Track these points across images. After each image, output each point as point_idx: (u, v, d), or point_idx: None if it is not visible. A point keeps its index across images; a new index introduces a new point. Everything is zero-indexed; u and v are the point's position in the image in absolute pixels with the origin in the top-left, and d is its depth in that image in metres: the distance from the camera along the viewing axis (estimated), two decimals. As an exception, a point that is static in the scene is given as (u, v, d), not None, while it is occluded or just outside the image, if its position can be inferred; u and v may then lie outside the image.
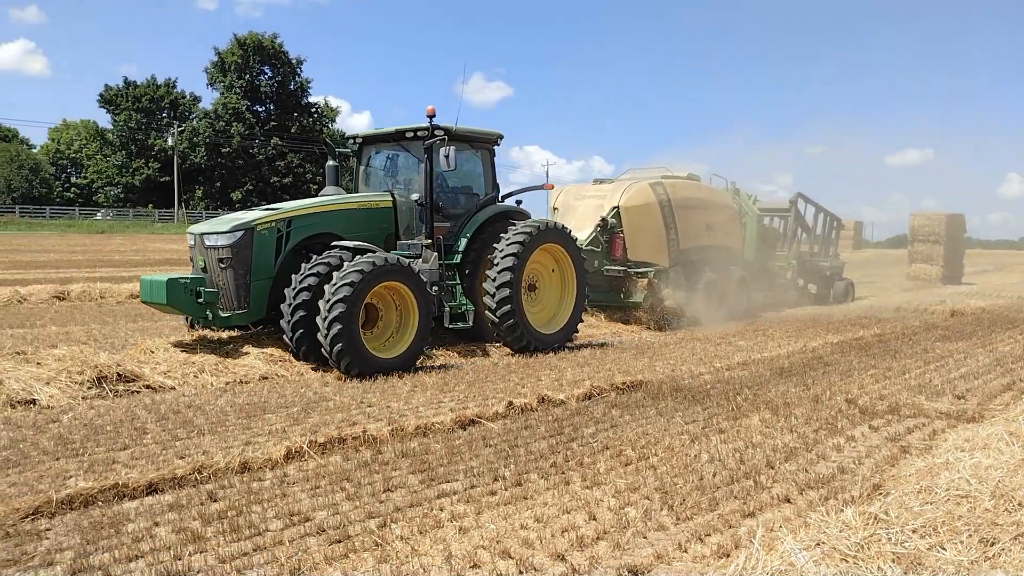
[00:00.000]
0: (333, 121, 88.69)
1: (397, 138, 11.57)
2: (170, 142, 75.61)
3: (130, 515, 4.80)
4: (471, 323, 11.17)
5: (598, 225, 14.80)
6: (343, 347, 8.98)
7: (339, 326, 8.91)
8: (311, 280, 9.40)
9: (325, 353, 9.16)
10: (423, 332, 9.92)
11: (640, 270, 14.91)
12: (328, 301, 8.99)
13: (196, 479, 5.44)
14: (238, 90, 78.99)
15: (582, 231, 14.61)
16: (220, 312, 9.80)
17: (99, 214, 71.24)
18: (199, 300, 9.66)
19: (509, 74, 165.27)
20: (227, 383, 8.79)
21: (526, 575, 4.07)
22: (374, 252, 9.92)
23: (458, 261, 11.35)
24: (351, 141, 12.25)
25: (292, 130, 79.86)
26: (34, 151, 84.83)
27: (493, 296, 11.03)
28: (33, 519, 4.66)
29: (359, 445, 6.36)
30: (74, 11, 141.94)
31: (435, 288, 10.60)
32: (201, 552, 4.27)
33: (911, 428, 7.20)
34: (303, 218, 10.37)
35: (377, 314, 9.92)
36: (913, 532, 3.94)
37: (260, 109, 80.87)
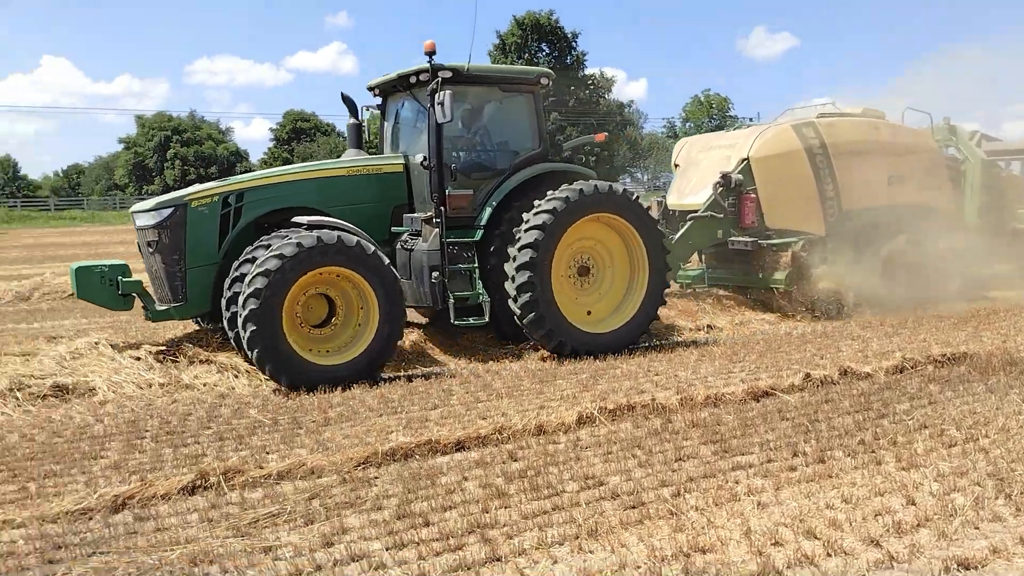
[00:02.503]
0: (609, 91, 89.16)
1: (407, 86, 9.32)
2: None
3: (442, 469, 5.23)
4: (486, 318, 8.68)
5: (717, 183, 11.27)
6: (261, 352, 7.32)
7: (253, 327, 7.25)
8: (247, 268, 7.79)
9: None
10: (387, 333, 7.82)
11: (779, 241, 11.28)
12: (242, 295, 7.41)
13: (497, 439, 5.77)
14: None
15: (701, 192, 11.69)
16: (156, 305, 8.49)
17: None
18: (120, 292, 8.41)
19: (795, 23, 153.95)
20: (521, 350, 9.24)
21: (835, 558, 3.78)
22: (334, 228, 7.91)
23: (478, 238, 8.87)
24: (372, 94, 10.05)
25: (570, 103, 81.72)
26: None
27: (513, 281, 8.53)
28: (364, 468, 5.25)
29: (648, 413, 6.35)
30: (378, 12, 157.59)
31: (434, 274, 8.57)
32: (505, 507, 4.53)
33: None
34: (259, 190, 8.56)
35: (333, 308, 8.00)
36: None
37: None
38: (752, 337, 9.86)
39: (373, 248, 7.80)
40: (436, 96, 8.28)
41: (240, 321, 7.35)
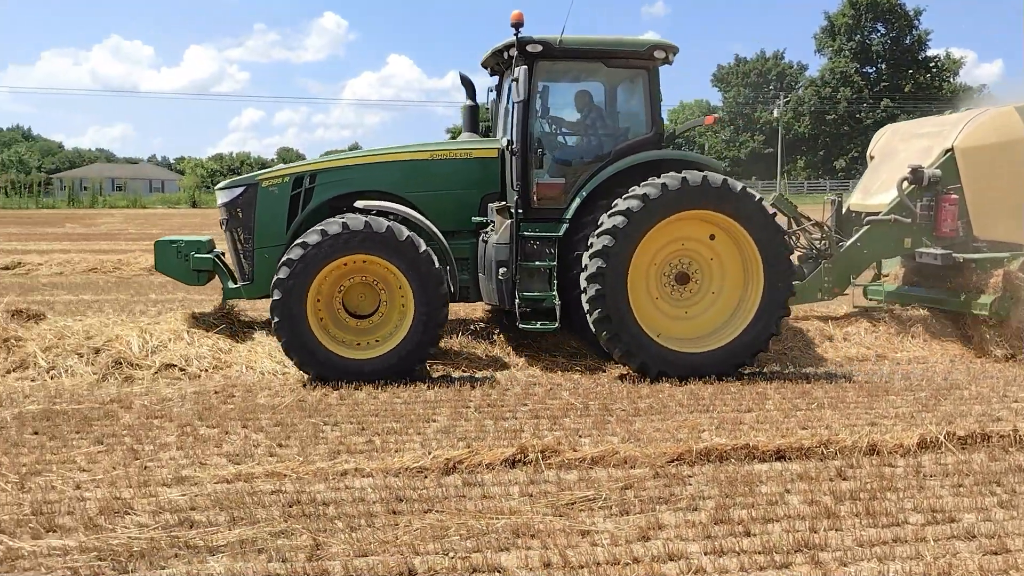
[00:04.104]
0: (955, 75, 79.36)
1: (507, 63, 8.29)
2: (775, 114, 77.33)
3: (761, 477, 4.92)
4: (555, 324, 7.65)
5: (904, 179, 8.95)
6: (287, 342, 7.15)
7: (276, 318, 7.10)
8: None
9: None
10: (422, 329, 7.25)
11: (983, 256, 8.71)
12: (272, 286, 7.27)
13: (822, 453, 5.32)
14: (847, 53, 76.40)
15: (892, 190, 9.24)
16: (230, 283, 8.34)
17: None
18: (193, 268, 8.29)
19: None
20: (845, 358, 8.50)
21: None
22: (389, 214, 7.56)
23: (560, 233, 7.80)
24: (488, 73, 9.28)
25: (905, 89, 74.09)
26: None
27: (586, 288, 7.42)
28: (677, 464, 5.12)
29: (1008, 445, 5.47)
30: (695, 1, 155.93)
31: (502, 271, 7.67)
32: (836, 530, 4.13)
33: None
34: (333, 172, 8.20)
35: (377, 299, 7.52)
36: None
37: (870, 71, 76.98)
38: None
39: (407, 235, 7.22)
40: (513, 71, 7.57)
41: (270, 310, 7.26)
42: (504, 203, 7.84)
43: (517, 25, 7.67)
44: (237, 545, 3.93)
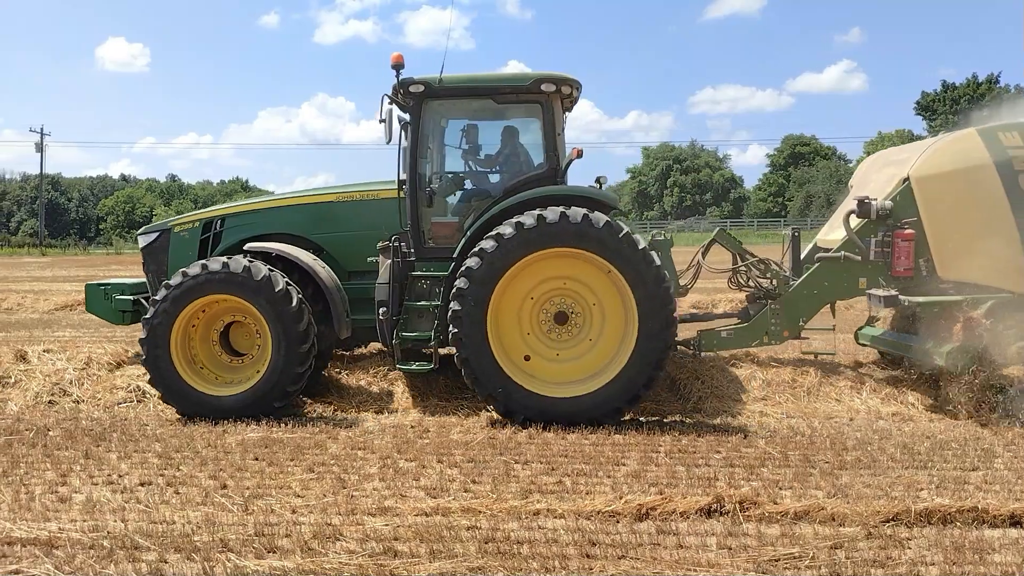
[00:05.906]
0: None
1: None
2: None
3: (993, 544, 4.44)
4: (432, 364, 7.47)
5: (850, 213, 8.06)
6: (152, 378, 7.50)
7: (143, 354, 7.46)
8: None
9: None
10: (281, 368, 7.31)
11: (929, 299, 7.70)
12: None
13: (1067, 521, 4.71)
14: (1073, 73, 68.88)
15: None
16: None
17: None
18: (116, 308, 8.64)
19: None
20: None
21: None
22: (279, 256, 7.88)
23: (448, 272, 7.58)
24: None
25: None
26: (851, 165, 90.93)
27: (449, 329, 7.25)
28: (892, 525, 4.72)
29: None
30: (893, 25, 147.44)
31: (381, 311, 7.54)
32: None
33: None
34: (241, 216, 8.60)
35: (252, 339, 7.74)
36: None
37: (1102, 90, 68.84)
38: None
39: (264, 274, 7.32)
40: (380, 112, 7.63)
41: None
42: (385, 243, 7.83)
43: (397, 67, 7.76)
44: (437, 578, 4.05)
